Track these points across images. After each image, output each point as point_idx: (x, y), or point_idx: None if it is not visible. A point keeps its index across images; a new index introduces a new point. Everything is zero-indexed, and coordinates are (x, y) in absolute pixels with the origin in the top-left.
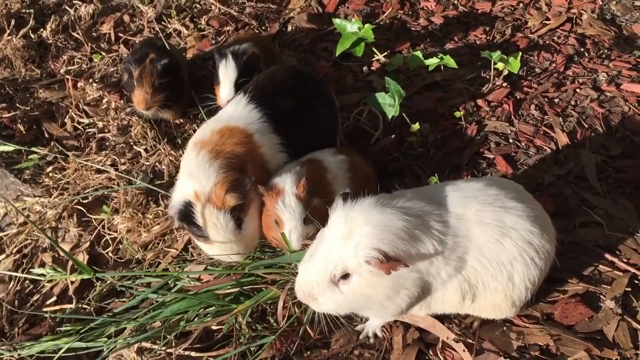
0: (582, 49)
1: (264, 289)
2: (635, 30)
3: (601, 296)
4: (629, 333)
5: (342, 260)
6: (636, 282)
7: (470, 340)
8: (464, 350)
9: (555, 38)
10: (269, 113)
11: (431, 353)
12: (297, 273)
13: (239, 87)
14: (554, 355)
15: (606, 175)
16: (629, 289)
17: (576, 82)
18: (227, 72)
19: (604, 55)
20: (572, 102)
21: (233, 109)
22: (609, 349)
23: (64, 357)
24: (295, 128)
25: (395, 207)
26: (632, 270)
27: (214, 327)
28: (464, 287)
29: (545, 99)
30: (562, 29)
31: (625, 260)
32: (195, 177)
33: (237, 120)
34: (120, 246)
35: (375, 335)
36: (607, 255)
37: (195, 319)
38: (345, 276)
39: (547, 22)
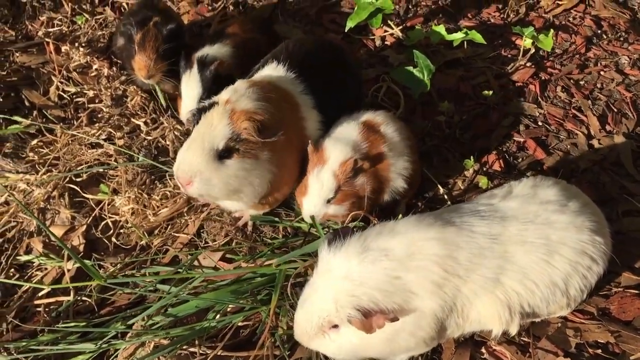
0: (599, 31)
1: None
2: None
3: None
4: None
5: (326, 314)
6: None
7: (525, 339)
8: (517, 352)
9: (571, 19)
10: (309, 86)
11: (484, 352)
12: None
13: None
14: (616, 354)
15: None
16: None
17: (599, 64)
18: (189, 86)
19: (622, 39)
20: (598, 85)
21: (274, 73)
22: None
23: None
24: (329, 103)
25: (377, 249)
26: None
27: (241, 324)
28: (504, 313)
29: (571, 81)
30: (576, 10)
31: None
32: (236, 95)
33: (284, 84)
34: (122, 231)
35: None
36: None
37: (219, 316)
38: (336, 326)
39: (561, 2)
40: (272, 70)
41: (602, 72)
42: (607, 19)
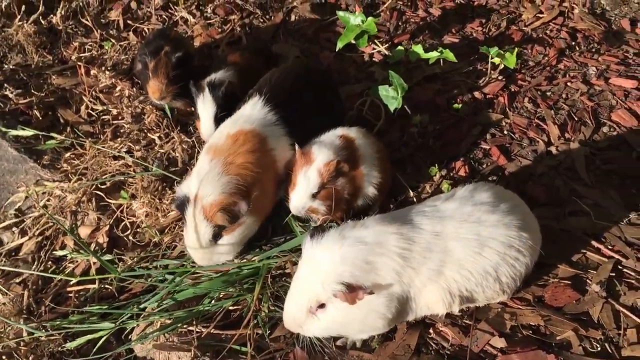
0: (573, 43)
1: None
2: (623, 25)
3: (588, 280)
4: (612, 315)
5: (315, 295)
6: (620, 267)
7: (467, 321)
8: (459, 332)
9: (548, 32)
10: (284, 116)
11: (432, 332)
12: None
13: (219, 120)
14: (544, 335)
15: (594, 167)
16: (613, 274)
17: (567, 75)
18: (205, 107)
19: (593, 50)
20: (564, 96)
21: (250, 111)
22: (594, 329)
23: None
24: (307, 126)
25: (352, 237)
26: (616, 256)
27: (231, 308)
28: (446, 297)
29: (538, 92)
30: (554, 23)
31: (610, 247)
32: (203, 183)
33: (253, 122)
34: (139, 230)
35: (355, 346)
36: (594, 243)
37: (213, 301)
38: (322, 305)
39: (541, 16)
40: (251, 107)
41: (569, 83)
42: (583, 30)
